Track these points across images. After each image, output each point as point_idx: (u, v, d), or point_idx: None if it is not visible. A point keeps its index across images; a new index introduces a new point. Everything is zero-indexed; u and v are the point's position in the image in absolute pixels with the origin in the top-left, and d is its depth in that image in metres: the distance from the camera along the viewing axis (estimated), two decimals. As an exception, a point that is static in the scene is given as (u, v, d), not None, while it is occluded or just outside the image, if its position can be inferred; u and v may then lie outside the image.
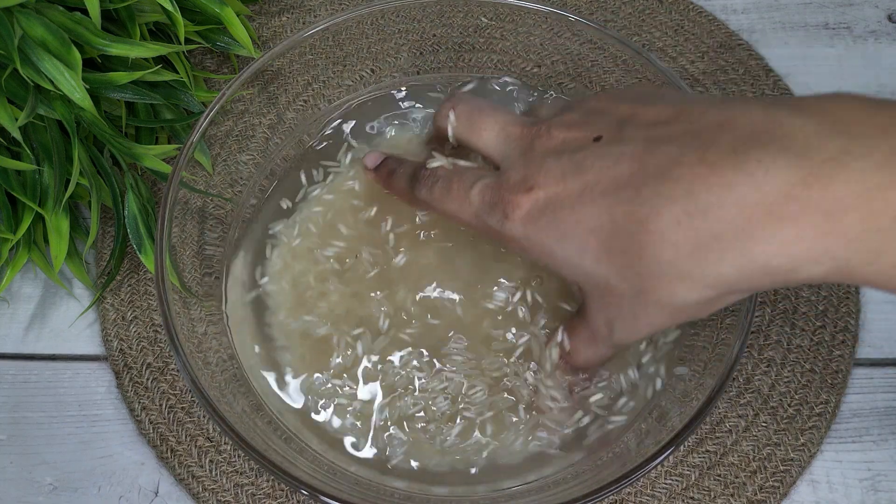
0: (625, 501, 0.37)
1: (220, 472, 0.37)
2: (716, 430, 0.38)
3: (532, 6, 0.39)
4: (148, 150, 0.39)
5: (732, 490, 0.37)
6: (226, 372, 0.35)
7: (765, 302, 0.40)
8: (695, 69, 0.47)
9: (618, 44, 0.38)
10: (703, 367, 0.33)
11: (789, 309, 0.40)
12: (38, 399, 0.39)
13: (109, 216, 0.43)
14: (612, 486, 0.29)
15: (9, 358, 0.40)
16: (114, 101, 0.40)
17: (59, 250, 0.38)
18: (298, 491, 0.29)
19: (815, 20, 0.49)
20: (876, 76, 0.47)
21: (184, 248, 0.36)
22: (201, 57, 0.48)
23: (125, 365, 0.39)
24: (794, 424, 0.38)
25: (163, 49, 0.38)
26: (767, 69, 0.47)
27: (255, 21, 0.49)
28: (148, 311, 0.41)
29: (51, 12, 0.37)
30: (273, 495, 0.37)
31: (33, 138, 0.38)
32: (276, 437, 0.34)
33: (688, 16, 0.49)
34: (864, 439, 0.38)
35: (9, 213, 0.39)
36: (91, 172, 0.38)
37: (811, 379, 0.39)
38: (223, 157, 0.39)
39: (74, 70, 0.36)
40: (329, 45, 0.40)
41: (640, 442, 0.32)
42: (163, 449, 0.38)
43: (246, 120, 0.40)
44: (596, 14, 0.49)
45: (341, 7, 0.49)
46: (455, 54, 0.43)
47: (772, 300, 0.40)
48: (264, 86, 0.40)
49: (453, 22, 0.42)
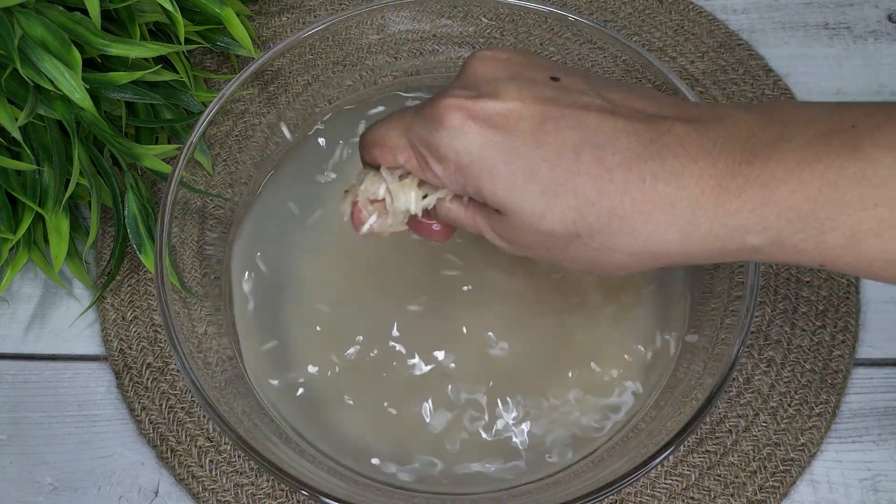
0: (625, 501, 0.37)
1: (220, 472, 0.37)
2: (716, 430, 0.38)
3: (532, 6, 0.39)
4: (148, 150, 0.39)
5: (732, 490, 0.37)
6: (226, 372, 0.35)
7: (765, 302, 0.40)
8: (695, 69, 0.47)
9: (618, 44, 0.38)
10: (703, 367, 0.33)
11: (789, 309, 0.40)
12: (38, 399, 0.39)
13: (109, 216, 0.43)
14: (612, 486, 0.29)
15: (9, 358, 0.40)
16: (114, 101, 0.40)
17: (59, 250, 0.38)
18: (298, 491, 0.29)
19: (815, 20, 0.49)
20: (876, 76, 0.47)
21: (184, 248, 0.36)
22: (201, 57, 0.48)
23: (125, 365, 0.39)
24: (794, 424, 0.38)
25: (163, 49, 0.38)
26: (767, 69, 0.47)
27: (255, 21, 0.49)
28: (148, 311, 0.41)
29: (51, 12, 0.37)
30: (273, 495, 0.37)
31: (33, 138, 0.38)
32: (275, 437, 0.34)
33: (688, 16, 0.49)
34: (864, 439, 0.38)
35: (9, 213, 0.39)
36: (91, 172, 0.38)
37: (811, 379, 0.39)
38: (223, 157, 0.39)
39: (74, 70, 0.36)
40: (329, 45, 0.40)
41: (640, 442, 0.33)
42: (163, 449, 0.38)
43: (246, 120, 0.40)
44: (596, 14, 0.49)
45: (341, 7, 0.49)
46: (455, 54, 0.43)
47: (772, 300, 0.40)
48: (264, 86, 0.40)
49: (453, 22, 0.42)
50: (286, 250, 0.39)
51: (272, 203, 0.40)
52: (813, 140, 0.24)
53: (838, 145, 0.24)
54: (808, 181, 0.24)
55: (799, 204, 0.24)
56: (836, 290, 0.41)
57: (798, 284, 0.41)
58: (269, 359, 0.37)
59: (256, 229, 0.39)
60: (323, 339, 0.37)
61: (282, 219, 0.39)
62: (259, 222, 0.39)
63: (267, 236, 0.39)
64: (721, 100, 0.46)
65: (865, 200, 0.23)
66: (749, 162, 0.24)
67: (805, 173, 0.24)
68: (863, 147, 0.23)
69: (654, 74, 0.37)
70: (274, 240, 0.39)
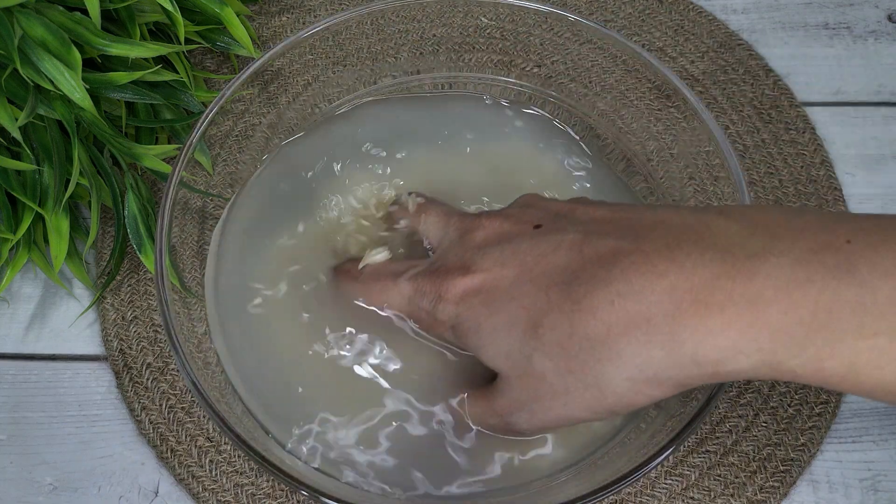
0: (625, 501, 0.37)
1: (220, 472, 0.37)
2: (716, 430, 0.38)
3: (532, 6, 0.39)
4: (148, 150, 0.39)
5: (732, 490, 0.37)
6: (226, 372, 0.35)
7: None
8: (695, 69, 0.47)
9: (618, 44, 0.38)
10: (703, 367, 0.33)
11: (789, 309, 0.40)
12: (38, 399, 0.39)
13: (109, 216, 0.43)
14: (612, 486, 0.29)
15: (9, 358, 0.40)
16: (114, 101, 0.40)
17: (59, 250, 0.38)
18: (298, 491, 0.29)
19: (815, 20, 0.49)
20: (875, 76, 0.47)
21: (184, 248, 0.36)
22: (201, 57, 0.48)
23: (125, 365, 0.39)
24: (794, 424, 0.38)
25: (163, 49, 0.38)
26: (767, 69, 0.47)
27: (255, 21, 0.49)
28: (148, 311, 0.41)
29: (51, 12, 0.37)
30: (273, 495, 0.37)
31: (33, 138, 0.38)
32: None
33: (688, 16, 0.49)
34: (864, 439, 0.38)
35: (9, 213, 0.39)
36: (91, 172, 0.38)
37: (811, 379, 0.39)
38: (223, 157, 0.39)
39: (74, 70, 0.36)
40: (329, 45, 0.40)
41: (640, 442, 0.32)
42: (163, 449, 0.38)
43: (246, 120, 0.40)
44: (596, 14, 0.49)
45: (341, 7, 0.49)
46: (455, 54, 0.43)
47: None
48: (264, 86, 0.40)
49: (453, 22, 0.42)
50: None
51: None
52: (804, 255, 0.23)
53: (832, 265, 0.22)
54: (801, 303, 0.22)
55: (791, 327, 0.23)
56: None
57: (798, 284, 0.41)
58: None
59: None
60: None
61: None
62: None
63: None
64: (721, 100, 0.46)
65: (864, 330, 0.22)
66: (730, 276, 0.23)
67: (796, 294, 0.22)
68: (859, 270, 0.22)
69: (654, 74, 0.37)
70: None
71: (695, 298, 0.24)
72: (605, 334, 0.25)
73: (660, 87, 0.37)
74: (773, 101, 0.46)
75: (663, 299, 0.24)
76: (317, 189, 0.39)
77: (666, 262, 0.25)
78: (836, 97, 0.47)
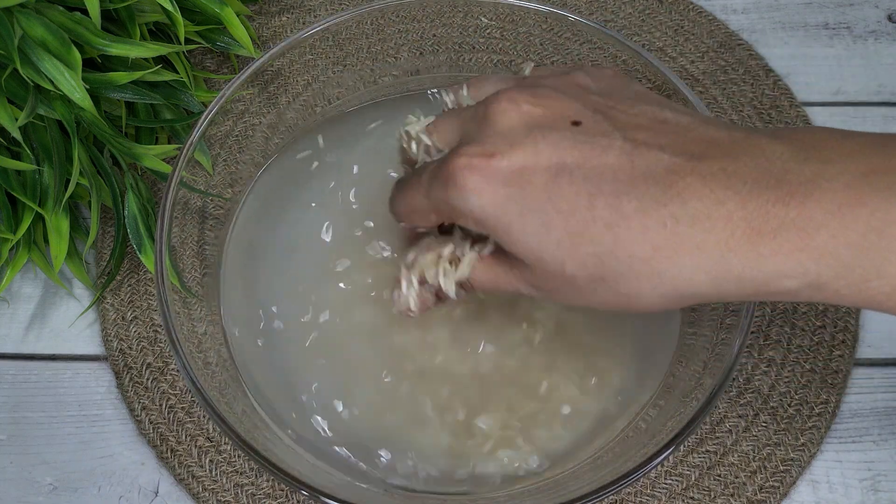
0: (625, 501, 0.37)
1: (220, 472, 0.37)
2: (716, 430, 0.38)
3: (532, 6, 0.39)
4: (148, 150, 0.39)
5: (732, 490, 0.37)
6: (226, 372, 0.35)
7: (765, 302, 0.40)
8: (695, 69, 0.47)
9: (618, 44, 0.38)
10: (703, 367, 0.33)
11: (789, 309, 0.40)
12: (38, 399, 0.39)
13: (109, 216, 0.43)
14: (612, 486, 0.29)
15: (9, 358, 0.40)
16: (114, 101, 0.40)
17: (59, 250, 0.38)
18: (298, 491, 0.29)
19: (815, 20, 0.49)
20: (875, 76, 0.47)
21: (184, 248, 0.36)
22: (201, 57, 0.48)
23: (125, 365, 0.39)
24: (794, 424, 0.38)
25: (163, 49, 0.38)
26: (767, 69, 0.47)
27: (255, 21, 0.49)
28: (148, 311, 0.41)
29: (51, 12, 0.37)
30: (273, 495, 0.37)
31: (33, 138, 0.38)
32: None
33: (688, 16, 0.49)
34: (864, 439, 0.38)
35: (9, 213, 0.39)
36: (91, 172, 0.38)
37: (811, 379, 0.39)
38: (223, 157, 0.39)
39: (74, 70, 0.36)
40: (329, 45, 0.40)
41: (640, 442, 0.33)
42: (163, 449, 0.38)
43: (246, 120, 0.40)
44: (596, 14, 0.49)
45: (341, 7, 0.49)
46: (455, 54, 0.43)
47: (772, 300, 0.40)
48: (264, 86, 0.40)
49: (453, 22, 0.42)
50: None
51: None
52: (856, 179, 0.23)
53: (883, 187, 0.22)
54: (851, 226, 0.22)
55: (840, 250, 0.23)
56: (836, 290, 0.41)
57: (798, 284, 0.41)
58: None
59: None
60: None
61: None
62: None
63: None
64: (721, 100, 0.46)
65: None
66: (784, 203, 0.23)
67: (847, 217, 0.23)
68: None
69: (654, 74, 0.37)
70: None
71: (748, 226, 0.24)
72: (650, 254, 0.25)
73: (660, 87, 0.37)
74: (773, 101, 0.46)
75: (717, 226, 0.24)
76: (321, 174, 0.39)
77: (724, 189, 0.24)
78: (836, 97, 0.47)
